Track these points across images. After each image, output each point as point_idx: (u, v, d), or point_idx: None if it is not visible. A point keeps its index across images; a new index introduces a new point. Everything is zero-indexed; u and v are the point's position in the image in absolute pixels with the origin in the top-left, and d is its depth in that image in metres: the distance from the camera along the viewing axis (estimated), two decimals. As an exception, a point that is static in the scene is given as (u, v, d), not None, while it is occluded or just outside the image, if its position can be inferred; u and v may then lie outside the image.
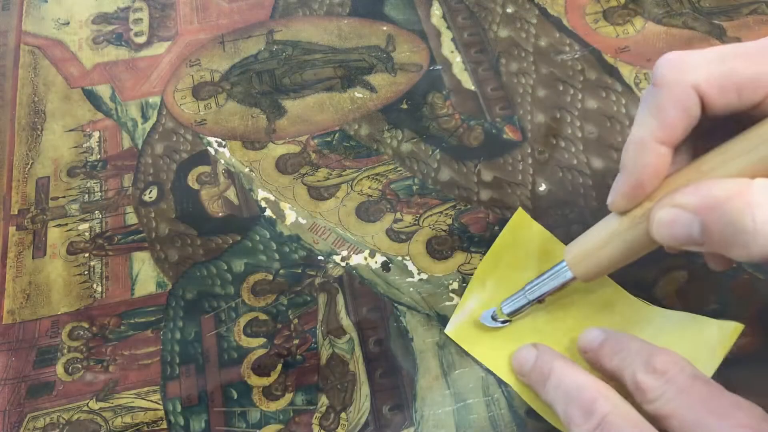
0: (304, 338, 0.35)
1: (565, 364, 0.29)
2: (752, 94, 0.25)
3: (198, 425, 0.33)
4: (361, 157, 0.41)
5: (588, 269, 0.29)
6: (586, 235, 0.30)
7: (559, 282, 0.31)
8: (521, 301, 0.32)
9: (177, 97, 0.45)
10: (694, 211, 0.24)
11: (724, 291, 0.34)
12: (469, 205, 0.39)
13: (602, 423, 0.25)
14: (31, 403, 0.34)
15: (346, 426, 0.32)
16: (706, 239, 0.24)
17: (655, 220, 0.26)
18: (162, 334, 0.36)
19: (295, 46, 0.46)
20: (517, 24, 0.46)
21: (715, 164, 0.25)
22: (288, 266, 0.37)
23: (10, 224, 0.40)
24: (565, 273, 0.30)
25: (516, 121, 0.41)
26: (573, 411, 0.27)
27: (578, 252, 0.30)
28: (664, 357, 0.27)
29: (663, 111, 0.26)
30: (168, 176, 0.41)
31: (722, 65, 0.25)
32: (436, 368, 0.34)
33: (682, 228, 0.25)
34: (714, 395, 0.25)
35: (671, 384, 0.26)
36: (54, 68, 0.47)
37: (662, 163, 0.26)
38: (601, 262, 0.29)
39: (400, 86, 0.44)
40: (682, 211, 0.25)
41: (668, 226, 0.25)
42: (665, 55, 0.26)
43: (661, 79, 0.26)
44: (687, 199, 0.25)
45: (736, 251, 0.23)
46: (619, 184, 0.27)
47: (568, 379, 0.28)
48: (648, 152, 0.26)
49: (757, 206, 0.23)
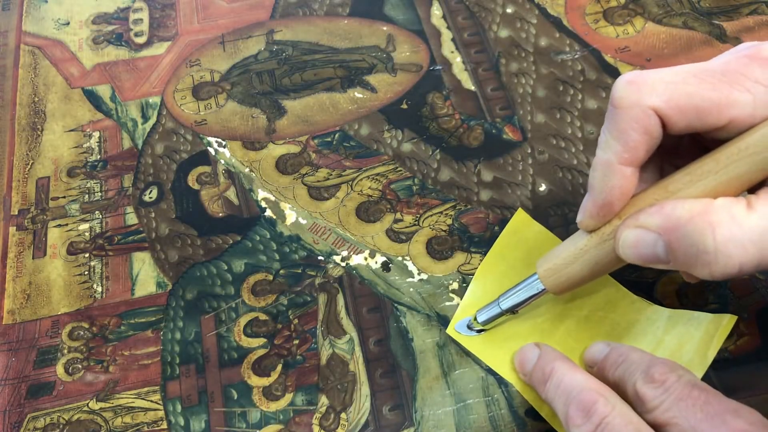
0: (304, 338, 0.35)
1: (566, 365, 0.29)
2: (714, 118, 0.25)
3: (198, 425, 0.33)
4: (361, 157, 0.41)
5: (559, 283, 0.30)
6: (557, 250, 0.30)
7: (531, 293, 0.31)
8: (495, 310, 0.33)
9: (177, 97, 0.45)
10: (658, 232, 0.25)
11: (723, 291, 0.34)
12: (469, 205, 0.39)
13: (602, 424, 0.26)
14: (31, 403, 0.34)
15: (346, 426, 0.32)
16: (671, 258, 0.25)
17: (620, 240, 0.26)
18: (162, 334, 0.36)
19: (295, 46, 0.46)
20: (517, 24, 0.46)
21: (681, 184, 0.26)
22: (288, 266, 0.37)
23: (10, 224, 0.40)
24: (537, 285, 0.31)
25: (516, 121, 0.41)
26: (573, 411, 0.27)
27: (549, 267, 0.30)
28: (663, 367, 0.27)
29: (624, 133, 0.26)
30: (168, 176, 0.41)
31: (682, 87, 0.25)
32: (436, 368, 0.34)
33: (646, 248, 0.25)
34: (711, 402, 0.25)
35: (669, 393, 0.26)
36: (54, 68, 0.47)
37: (628, 184, 0.26)
38: (570, 277, 0.29)
39: (400, 86, 0.44)
40: (647, 232, 0.25)
41: (633, 246, 0.26)
42: (623, 75, 0.26)
43: (619, 101, 0.26)
44: (651, 220, 0.25)
45: (699, 270, 0.24)
46: (587, 204, 0.28)
47: (569, 378, 0.28)
48: (613, 174, 0.26)
49: (718, 225, 0.23)
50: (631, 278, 0.35)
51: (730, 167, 0.25)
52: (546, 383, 0.29)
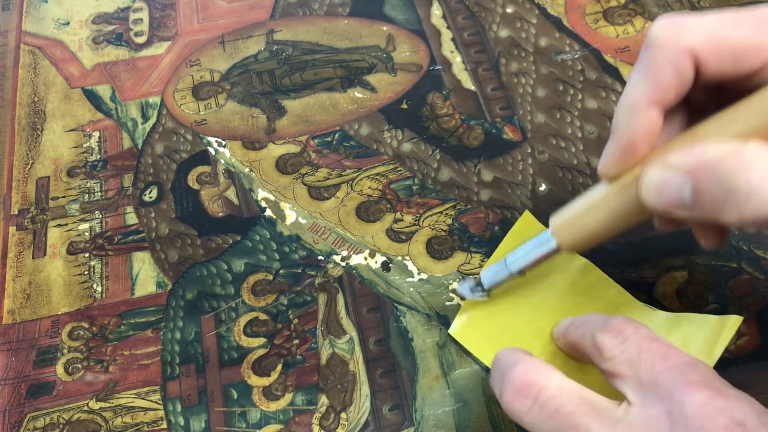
0: (304, 338, 0.35)
1: (509, 349, 0.29)
2: (750, 60, 0.24)
3: (198, 425, 0.33)
4: (361, 157, 0.41)
5: (573, 237, 0.28)
6: (573, 203, 0.28)
7: (542, 252, 0.29)
8: (502, 273, 0.31)
9: (177, 97, 0.45)
10: (686, 172, 0.24)
11: (723, 291, 0.34)
12: (469, 205, 0.39)
13: (539, 396, 0.25)
14: (31, 403, 0.34)
15: (346, 426, 0.32)
16: (696, 202, 0.23)
17: (644, 181, 0.25)
18: (162, 334, 0.36)
19: (295, 46, 0.46)
20: (517, 24, 0.46)
21: (710, 129, 0.25)
22: (288, 266, 0.37)
23: (10, 224, 0.40)
24: (548, 243, 0.29)
25: (516, 121, 0.41)
26: (506, 386, 0.26)
27: (563, 219, 0.28)
28: (620, 319, 0.27)
29: (656, 73, 0.25)
30: (168, 176, 0.41)
31: (720, 29, 0.25)
32: (436, 368, 0.34)
33: (672, 190, 0.24)
34: (670, 355, 0.25)
35: (628, 343, 0.26)
36: (54, 68, 0.47)
37: (653, 126, 0.26)
38: (586, 229, 0.27)
39: (400, 86, 0.44)
40: (674, 173, 0.24)
41: (658, 187, 0.24)
42: (661, 16, 0.26)
43: (655, 41, 0.25)
44: (679, 160, 0.24)
45: (728, 214, 0.23)
46: (609, 148, 0.26)
47: (505, 356, 0.28)
48: (640, 114, 0.25)
49: (751, 166, 0.22)
50: (631, 278, 0.35)
51: (762, 111, 0.24)
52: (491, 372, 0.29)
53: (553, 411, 0.25)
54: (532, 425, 0.25)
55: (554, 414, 0.25)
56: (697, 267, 0.35)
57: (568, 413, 0.25)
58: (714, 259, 0.36)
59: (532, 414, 0.25)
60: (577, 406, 0.25)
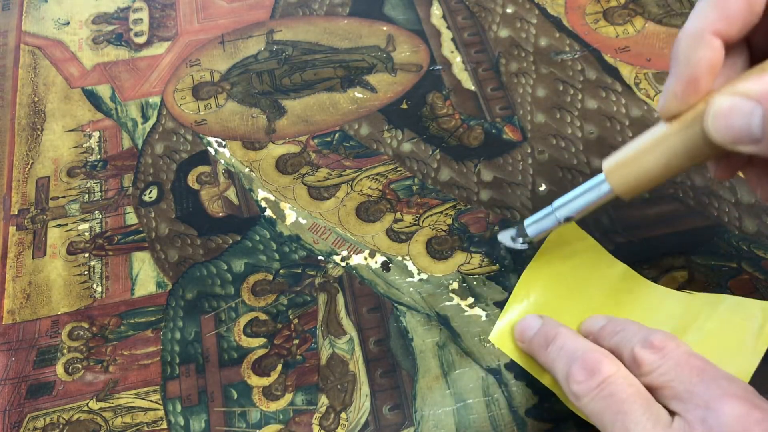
0: (304, 338, 0.35)
1: (570, 331, 0.30)
2: None
3: (198, 425, 0.33)
4: (361, 157, 0.41)
5: (628, 179, 0.26)
6: (628, 145, 0.27)
7: (594, 197, 0.28)
8: (549, 221, 0.30)
9: (177, 97, 0.45)
10: (758, 99, 0.22)
11: (723, 290, 0.34)
12: (469, 205, 0.39)
13: (604, 382, 0.26)
14: (31, 403, 0.34)
15: (346, 426, 0.32)
16: (766, 132, 0.22)
17: (712, 109, 0.24)
18: (162, 334, 0.36)
19: (295, 46, 0.46)
20: (517, 24, 0.46)
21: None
22: (288, 266, 0.37)
23: (10, 224, 0.40)
24: (601, 186, 0.27)
25: (516, 121, 0.41)
26: (576, 369, 0.27)
27: (619, 160, 0.27)
28: (661, 335, 0.27)
29: (724, 1, 0.24)
30: (168, 176, 0.41)
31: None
32: (436, 368, 0.34)
33: (741, 118, 0.23)
34: (707, 369, 0.26)
35: (667, 358, 0.26)
36: (54, 68, 0.47)
37: (718, 58, 0.24)
38: (643, 170, 0.26)
39: (400, 86, 0.44)
40: (744, 99, 0.23)
41: (726, 115, 0.23)
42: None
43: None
44: (750, 86, 0.23)
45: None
46: (669, 83, 0.25)
47: (572, 341, 0.29)
48: (703, 45, 0.24)
49: None
50: (631, 278, 0.35)
51: None
52: (548, 346, 0.29)
53: (608, 393, 0.26)
54: (586, 405, 0.26)
55: (609, 396, 0.26)
56: (697, 267, 0.35)
57: (622, 399, 0.25)
58: (714, 259, 0.36)
59: (591, 395, 0.26)
60: (631, 395, 0.25)
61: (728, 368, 0.27)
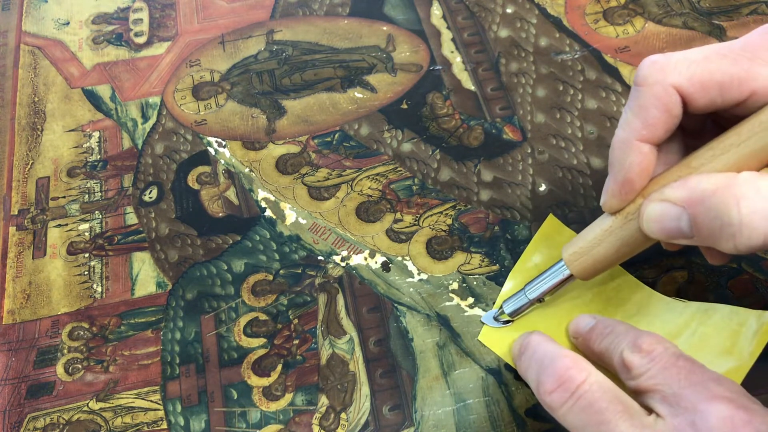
0: (304, 338, 0.35)
1: (541, 337, 0.30)
2: (736, 92, 0.25)
3: (198, 425, 0.33)
4: (361, 157, 0.41)
5: (585, 267, 0.30)
6: (582, 234, 0.30)
7: (558, 280, 0.31)
8: (522, 300, 0.33)
9: (177, 97, 0.45)
10: (683, 205, 0.25)
11: (723, 291, 0.34)
12: (469, 205, 0.39)
13: (578, 390, 0.26)
14: (31, 403, 0.34)
15: (346, 426, 0.32)
16: (695, 232, 0.25)
17: (644, 215, 0.26)
18: (162, 334, 0.36)
19: (295, 46, 0.46)
20: (517, 24, 0.46)
21: (704, 160, 0.26)
22: (288, 266, 0.37)
23: (10, 224, 0.40)
24: (563, 271, 0.31)
25: (516, 121, 0.41)
26: (545, 377, 0.27)
27: (575, 251, 0.30)
28: (650, 338, 0.27)
29: (645, 111, 0.26)
30: (168, 176, 0.41)
31: (704, 64, 0.26)
32: (436, 368, 0.34)
33: (671, 222, 0.25)
34: (695, 371, 0.26)
35: (655, 362, 0.26)
36: (54, 68, 0.47)
37: (647, 161, 0.27)
38: (596, 259, 0.29)
39: (400, 86, 0.44)
40: (671, 205, 0.25)
41: (658, 220, 0.26)
42: (648, 57, 0.27)
43: (643, 80, 0.26)
44: (675, 193, 0.25)
45: (724, 243, 0.24)
46: (608, 184, 0.28)
47: (543, 347, 0.29)
48: (632, 151, 0.27)
49: (743, 198, 0.23)
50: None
51: (752, 140, 0.25)
52: (521, 356, 0.30)
53: (586, 404, 0.26)
54: (564, 417, 0.26)
55: (587, 407, 0.26)
56: (697, 267, 0.35)
57: (601, 409, 0.25)
58: (714, 259, 0.36)
59: (567, 406, 0.26)
60: (610, 403, 0.25)
61: (720, 370, 0.27)
